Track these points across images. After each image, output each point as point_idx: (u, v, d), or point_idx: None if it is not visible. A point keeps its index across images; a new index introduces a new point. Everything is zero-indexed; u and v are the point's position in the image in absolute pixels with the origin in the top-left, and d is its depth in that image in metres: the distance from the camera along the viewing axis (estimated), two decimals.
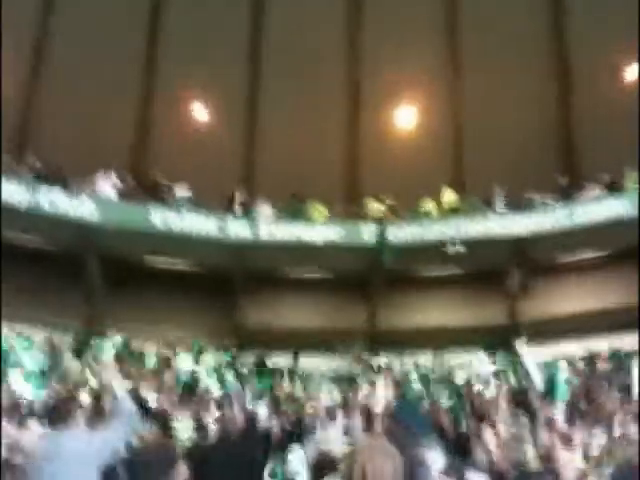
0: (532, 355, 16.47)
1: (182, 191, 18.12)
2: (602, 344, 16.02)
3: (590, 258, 17.38)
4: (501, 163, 19.50)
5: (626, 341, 15.82)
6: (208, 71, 21.59)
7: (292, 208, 17.99)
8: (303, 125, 21.63)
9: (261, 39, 22.75)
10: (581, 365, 15.05)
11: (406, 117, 22.25)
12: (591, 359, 15.50)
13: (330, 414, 8.59)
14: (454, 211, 17.20)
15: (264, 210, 17.94)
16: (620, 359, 14.99)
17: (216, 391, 12.80)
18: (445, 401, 11.99)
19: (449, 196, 17.79)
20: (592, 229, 16.09)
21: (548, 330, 17.37)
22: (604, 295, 17.41)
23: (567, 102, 21.07)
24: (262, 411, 9.59)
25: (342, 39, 22.90)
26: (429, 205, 17.51)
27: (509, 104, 20.78)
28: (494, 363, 16.43)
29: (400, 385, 12.23)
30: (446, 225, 16.83)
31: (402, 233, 16.91)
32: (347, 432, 8.04)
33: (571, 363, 15.35)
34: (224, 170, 20.97)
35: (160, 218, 16.87)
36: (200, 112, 22.47)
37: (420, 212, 17.55)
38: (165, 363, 14.98)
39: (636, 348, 15.27)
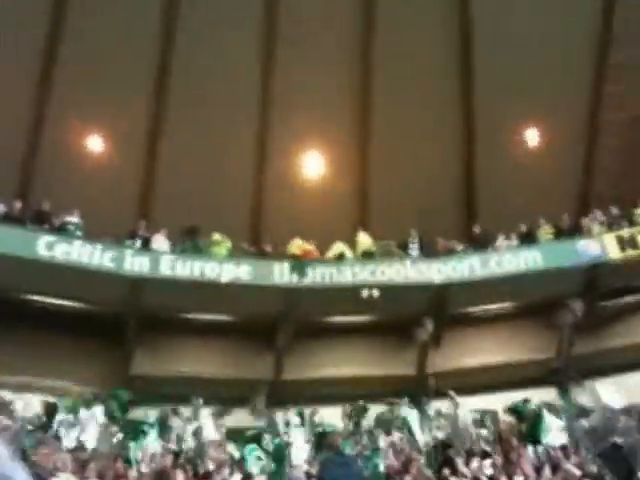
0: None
1: (73, 218, 16.42)
2: (513, 397, 15.68)
3: (503, 309, 17.10)
4: (409, 214, 19.37)
5: (536, 395, 15.65)
6: (108, 99, 20.19)
7: (192, 242, 16.63)
8: (208, 163, 20.58)
9: (169, 71, 21.62)
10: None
11: (314, 164, 21.77)
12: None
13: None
14: (368, 255, 16.52)
15: (162, 244, 16.47)
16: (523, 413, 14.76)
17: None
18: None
19: (364, 239, 17.12)
20: (507, 279, 15.88)
21: (458, 382, 16.93)
22: (515, 348, 17.18)
23: (472, 163, 21.45)
24: None
25: (255, 81, 22.26)
26: (341, 248, 16.72)
27: (417, 160, 20.87)
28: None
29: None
30: (361, 268, 16.06)
31: (317, 274, 15.95)
32: None
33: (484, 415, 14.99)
34: (120, 204, 19.51)
35: (47, 246, 15.02)
36: (97, 142, 20.86)
37: (333, 256, 16.73)
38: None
39: (545, 401, 15.11)
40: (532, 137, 21.29)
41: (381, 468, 12.22)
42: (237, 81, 21.07)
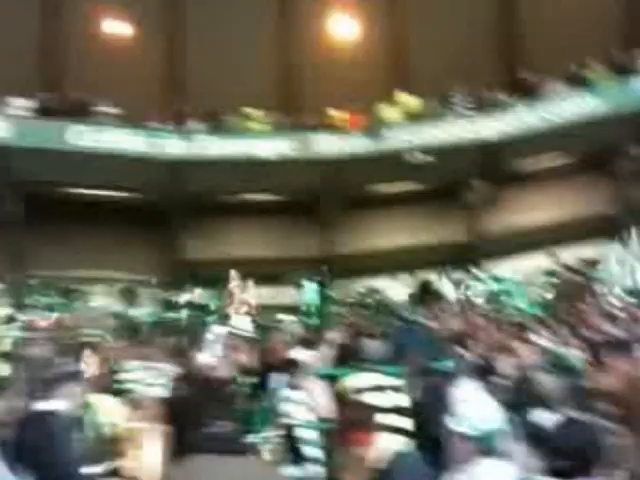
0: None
1: (107, 107, 15.77)
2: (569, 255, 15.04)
3: (559, 165, 16.23)
4: (446, 67, 18.04)
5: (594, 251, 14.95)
6: None
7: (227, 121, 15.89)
8: (231, 34, 19.43)
9: None
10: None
11: (345, 25, 20.42)
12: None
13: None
14: (415, 117, 15.59)
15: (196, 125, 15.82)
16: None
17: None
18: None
19: (407, 100, 16.06)
20: (564, 129, 14.89)
21: (513, 244, 16.48)
22: (572, 202, 16.45)
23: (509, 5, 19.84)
24: None
25: None
26: (386, 111, 15.81)
27: (453, 8, 19.35)
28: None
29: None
30: (406, 131, 15.24)
31: (358, 142, 15.22)
32: None
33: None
34: (147, 85, 18.67)
35: (79, 136, 14.52)
36: (117, 23, 19.82)
37: (375, 120, 15.85)
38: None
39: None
40: None
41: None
42: None
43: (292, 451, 4.96)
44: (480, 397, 4.03)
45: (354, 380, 5.78)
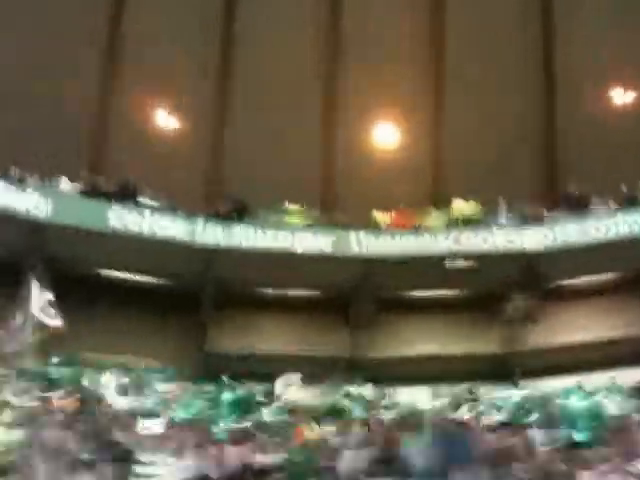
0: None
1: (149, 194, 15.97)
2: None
3: (601, 281, 15.70)
4: (488, 182, 18.02)
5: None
6: (175, 80, 19.77)
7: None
8: (276, 137, 19.85)
9: (233, 53, 20.98)
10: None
11: (384, 134, 20.76)
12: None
13: None
14: (466, 222, 15.37)
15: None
16: None
17: None
18: None
19: (461, 205, 15.90)
20: (607, 247, 14.50)
21: (551, 360, 15.70)
22: (614, 323, 15.77)
23: (551, 117, 19.96)
24: None
25: (319, 50, 21.40)
26: (433, 216, 15.64)
27: (491, 121, 19.56)
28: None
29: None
30: (446, 237, 15.00)
31: (397, 244, 15.00)
32: None
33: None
34: (190, 176, 19.00)
35: (120, 218, 14.59)
36: (166, 118, 20.44)
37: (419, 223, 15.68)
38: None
39: None
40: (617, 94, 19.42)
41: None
42: (302, 60, 20.32)
43: None
44: None
45: None
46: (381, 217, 15.89)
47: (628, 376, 13.63)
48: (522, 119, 19.68)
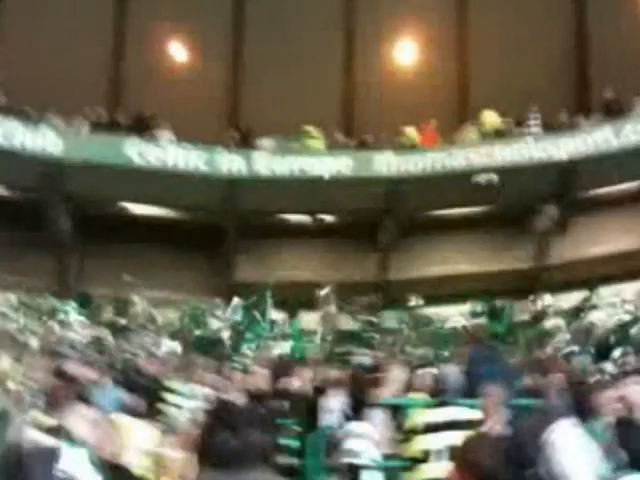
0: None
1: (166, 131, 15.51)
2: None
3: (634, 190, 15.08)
4: (515, 96, 17.21)
5: None
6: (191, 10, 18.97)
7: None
8: (294, 58, 19.09)
9: None
10: None
11: (408, 53, 19.87)
12: None
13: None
14: (498, 135, 14.73)
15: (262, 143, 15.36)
16: None
17: None
18: None
19: (491, 117, 15.18)
20: None
21: (586, 273, 15.29)
22: None
23: (582, 33, 18.92)
24: None
25: None
26: (467, 130, 14.99)
27: (519, 38, 18.58)
28: None
29: None
30: (476, 151, 14.41)
31: (425, 161, 14.47)
32: None
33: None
34: (209, 111, 18.45)
35: (138, 152, 14.23)
36: (182, 50, 19.77)
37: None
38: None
39: None
40: None
41: None
42: None
43: None
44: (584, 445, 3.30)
45: (428, 415, 4.92)
46: (413, 133, 15.22)
47: None
48: (550, 39, 18.68)
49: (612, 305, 12.65)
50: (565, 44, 19.08)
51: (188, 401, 6.46)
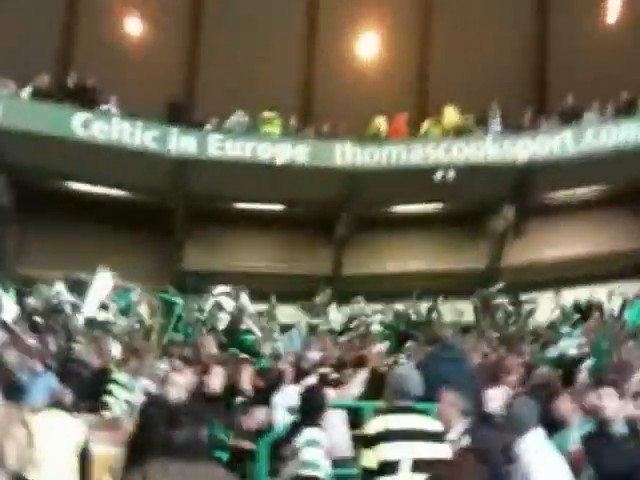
0: None
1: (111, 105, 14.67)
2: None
3: (591, 194, 15.07)
4: (475, 95, 17.05)
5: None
6: None
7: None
8: (253, 44, 18.51)
9: None
10: None
11: (372, 41, 19.53)
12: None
13: None
14: (460, 131, 14.46)
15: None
16: None
17: None
18: None
19: (452, 114, 14.92)
20: (601, 158, 13.77)
21: (537, 276, 15.24)
22: (601, 238, 15.26)
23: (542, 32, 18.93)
24: None
25: None
26: (427, 125, 14.67)
27: (482, 34, 18.44)
28: None
29: None
30: (435, 147, 14.13)
31: (383, 155, 14.11)
32: None
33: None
34: (162, 85, 17.67)
35: (84, 124, 13.41)
36: (137, 24, 18.89)
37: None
38: None
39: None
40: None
41: None
42: None
43: None
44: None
45: (389, 421, 4.46)
46: (381, 123, 14.81)
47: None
48: (512, 38, 18.58)
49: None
50: (527, 43, 19.01)
51: (129, 394, 5.99)
